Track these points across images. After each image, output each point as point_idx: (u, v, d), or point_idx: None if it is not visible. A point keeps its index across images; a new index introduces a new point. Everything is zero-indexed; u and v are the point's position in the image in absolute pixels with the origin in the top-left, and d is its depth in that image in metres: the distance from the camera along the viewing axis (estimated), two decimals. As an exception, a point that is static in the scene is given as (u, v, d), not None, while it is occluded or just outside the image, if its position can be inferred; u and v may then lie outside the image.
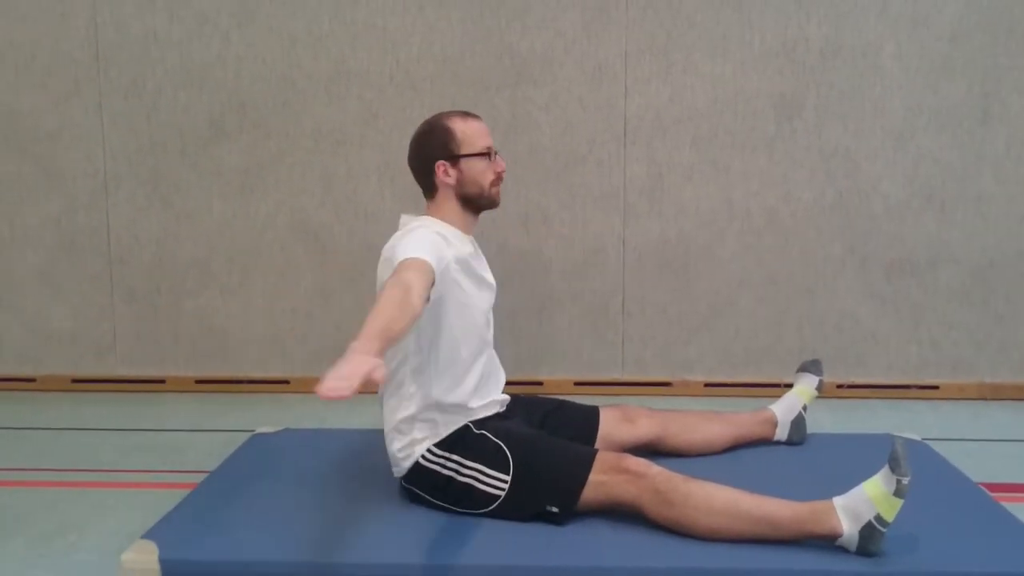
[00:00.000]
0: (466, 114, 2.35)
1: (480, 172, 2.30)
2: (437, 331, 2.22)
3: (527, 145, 3.83)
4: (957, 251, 3.81)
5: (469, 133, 2.30)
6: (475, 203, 2.33)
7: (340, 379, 1.59)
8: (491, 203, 2.35)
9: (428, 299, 2.03)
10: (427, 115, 2.41)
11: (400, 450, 2.28)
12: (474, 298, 2.29)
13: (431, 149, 2.30)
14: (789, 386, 2.85)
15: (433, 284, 2.04)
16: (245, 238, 3.94)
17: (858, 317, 3.86)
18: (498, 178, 2.33)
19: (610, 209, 3.86)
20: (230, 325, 4.00)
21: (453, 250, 2.22)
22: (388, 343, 1.80)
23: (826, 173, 3.80)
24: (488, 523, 2.20)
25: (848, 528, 2.00)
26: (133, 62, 3.88)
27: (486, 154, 2.30)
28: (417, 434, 2.25)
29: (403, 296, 1.87)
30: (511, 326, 2.41)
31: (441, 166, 2.29)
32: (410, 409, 2.25)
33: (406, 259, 2.01)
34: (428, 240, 2.13)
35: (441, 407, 2.25)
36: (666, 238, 3.86)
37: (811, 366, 2.82)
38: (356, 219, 3.93)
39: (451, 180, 2.29)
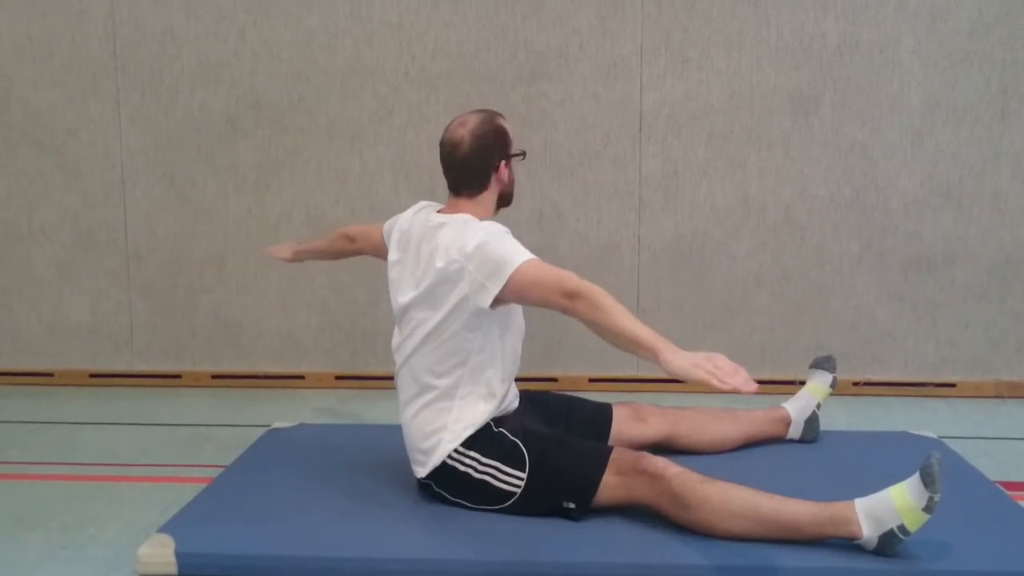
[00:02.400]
0: (501, 114, 2.41)
1: (516, 173, 2.41)
2: (503, 333, 2.25)
3: (542, 141, 3.83)
4: (974, 248, 3.78)
5: (513, 135, 2.38)
6: (506, 201, 2.40)
7: (737, 372, 1.94)
8: (511, 201, 2.44)
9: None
10: (442, 111, 2.43)
11: (446, 452, 2.25)
12: None
13: (495, 147, 2.32)
14: (804, 383, 2.84)
15: None
16: (260, 234, 3.96)
17: (875, 314, 3.84)
18: None
19: (625, 206, 3.86)
20: (245, 320, 4.02)
21: None
22: None
23: (843, 169, 3.78)
24: (503, 519, 2.20)
25: (868, 532, 1.98)
26: (150, 59, 3.90)
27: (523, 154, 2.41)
28: (462, 433, 2.24)
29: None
30: (526, 322, 2.43)
31: (503, 165, 2.33)
32: (467, 411, 2.24)
33: (529, 261, 2.13)
34: (515, 240, 2.23)
35: (490, 406, 2.26)
36: (681, 235, 3.85)
37: (824, 362, 2.80)
38: (371, 215, 3.92)
39: (504, 180, 2.35)
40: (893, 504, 1.95)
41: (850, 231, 3.80)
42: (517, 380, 2.47)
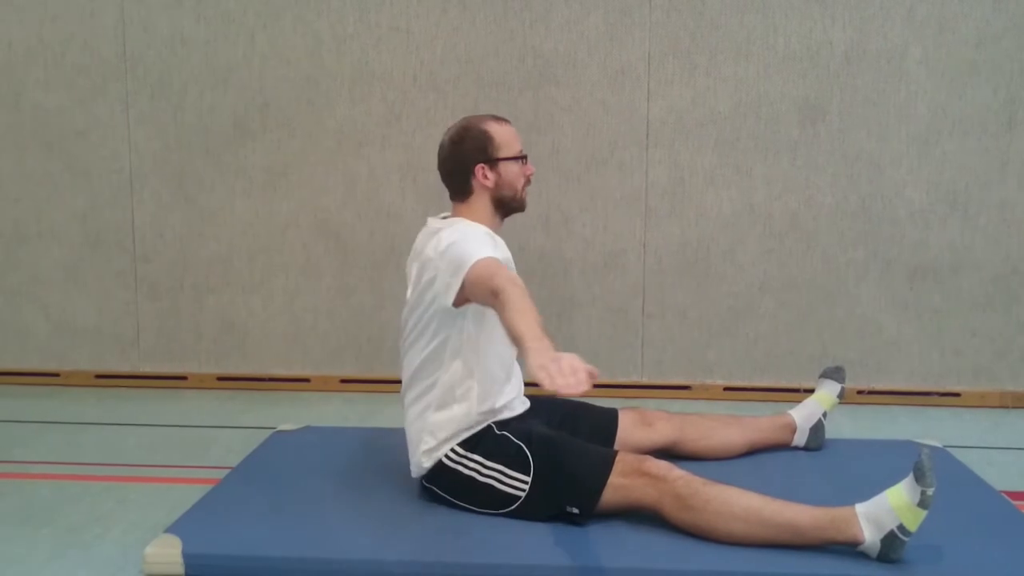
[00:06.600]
0: (498, 118, 2.37)
1: (515, 175, 2.34)
2: (485, 333, 2.25)
3: (549, 146, 3.84)
4: (980, 257, 3.78)
5: (506, 137, 2.33)
6: (507, 206, 2.36)
7: (572, 374, 1.71)
8: (521, 206, 2.39)
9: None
10: (450, 116, 2.44)
11: (428, 451, 2.28)
12: None
13: (470, 152, 2.31)
14: (809, 391, 2.84)
15: None
16: (267, 237, 3.97)
17: (880, 323, 3.84)
18: (527, 181, 2.38)
19: (631, 212, 3.86)
20: (251, 323, 4.03)
21: (500, 251, 2.26)
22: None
23: (849, 178, 3.78)
24: (508, 523, 2.20)
25: (870, 536, 1.99)
26: (160, 61, 3.92)
27: (521, 158, 2.35)
28: (449, 435, 2.26)
29: (526, 292, 1.99)
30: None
31: (481, 169, 2.31)
32: (451, 410, 2.25)
33: (482, 259, 2.09)
34: (488, 242, 2.21)
35: (480, 409, 2.26)
36: (687, 241, 3.86)
37: (834, 373, 2.80)
38: (378, 219, 3.95)
39: (489, 183, 2.31)
40: (889, 504, 1.97)
41: (856, 239, 3.81)
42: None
